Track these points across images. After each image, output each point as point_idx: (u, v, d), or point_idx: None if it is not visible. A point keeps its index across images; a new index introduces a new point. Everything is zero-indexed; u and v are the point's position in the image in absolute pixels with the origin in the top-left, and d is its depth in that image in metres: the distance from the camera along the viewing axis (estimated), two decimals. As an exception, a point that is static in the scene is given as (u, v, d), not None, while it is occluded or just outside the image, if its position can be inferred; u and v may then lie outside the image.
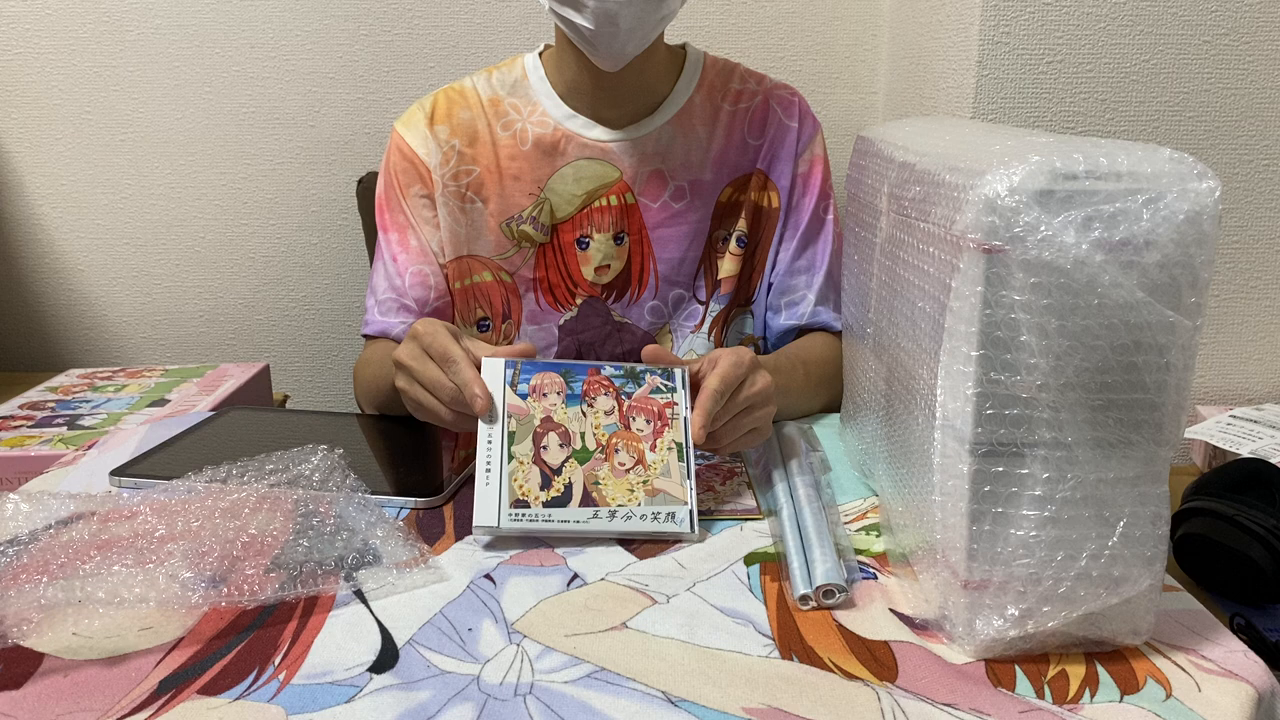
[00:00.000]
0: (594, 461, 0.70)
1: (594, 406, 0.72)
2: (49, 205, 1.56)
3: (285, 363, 1.64)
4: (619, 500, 0.69)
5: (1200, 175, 0.48)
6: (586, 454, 0.71)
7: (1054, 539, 0.51)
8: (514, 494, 0.68)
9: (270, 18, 1.49)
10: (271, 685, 0.52)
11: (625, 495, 0.69)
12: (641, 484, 0.70)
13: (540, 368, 0.73)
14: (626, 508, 0.69)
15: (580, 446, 0.71)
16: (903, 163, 0.65)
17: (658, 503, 0.69)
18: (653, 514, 0.69)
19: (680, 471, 0.71)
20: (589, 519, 0.68)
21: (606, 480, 0.70)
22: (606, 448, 0.71)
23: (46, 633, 0.56)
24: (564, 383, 0.72)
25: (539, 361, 0.73)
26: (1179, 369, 0.50)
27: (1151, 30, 1.12)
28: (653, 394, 0.73)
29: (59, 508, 0.68)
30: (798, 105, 1.06)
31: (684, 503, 0.70)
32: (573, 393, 0.72)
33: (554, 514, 0.68)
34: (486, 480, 0.68)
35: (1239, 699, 0.51)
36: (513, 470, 0.69)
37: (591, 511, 0.69)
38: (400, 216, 1.03)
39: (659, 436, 0.72)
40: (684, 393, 0.74)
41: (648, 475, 0.70)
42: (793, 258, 1.05)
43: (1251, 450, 1.04)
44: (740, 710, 0.50)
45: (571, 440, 0.71)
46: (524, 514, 0.68)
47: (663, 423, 0.72)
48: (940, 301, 0.54)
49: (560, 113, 1.02)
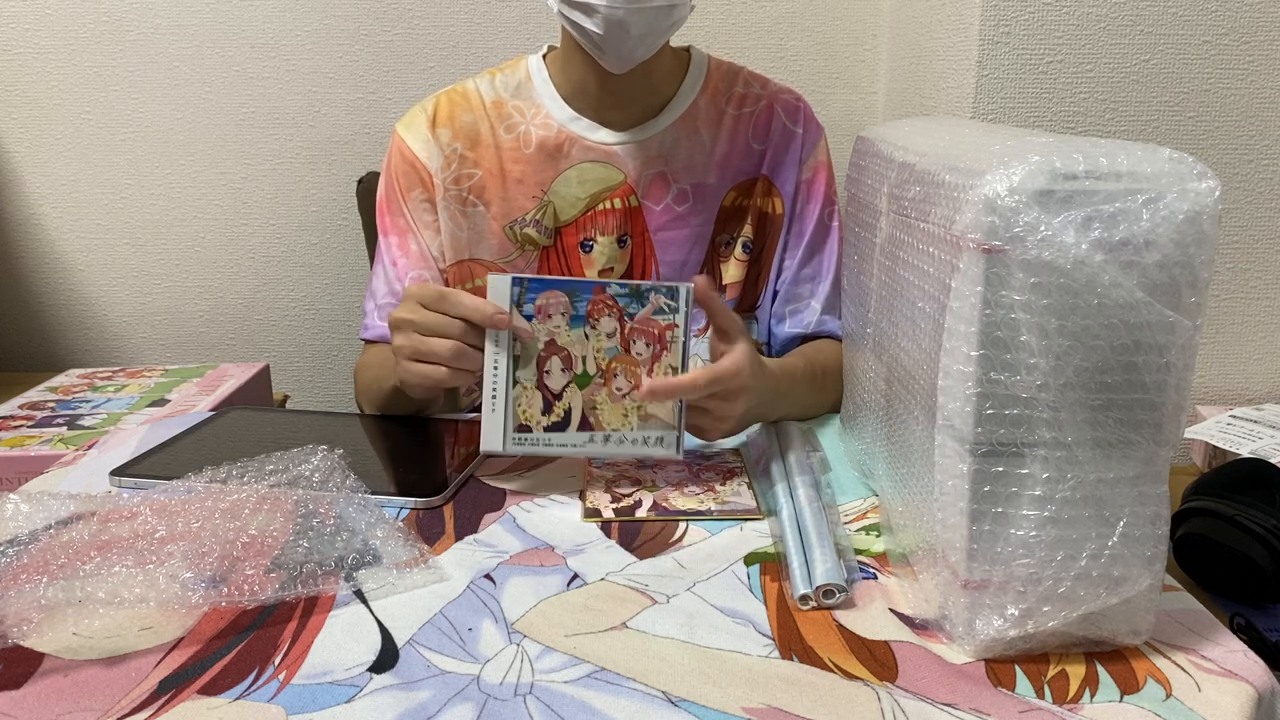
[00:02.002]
0: (593, 386, 0.74)
1: (596, 329, 0.74)
2: (49, 205, 1.56)
3: (285, 363, 1.64)
4: (613, 425, 0.75)
5: (1200, 175, 0.48)
6: (587, 379, 0.74)
7: (1054, 539, 0.51)
8: (517, 419, 0.74)
9: (270, 18, 1.49)
10: (271, 685, 0.52)
11: (620, 420, 0.75)
12: (635, 409, 0.75)
13: (546, 285, 0.73)
14: (620, 432, 0.75)
15: (581, 371, 0.74)
16: (903, 163, 0.65)
17: (649, 427, 0.75)
18: (643, 438, 0.75)
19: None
20: (585, 443, 0.75)
21: (603, 405, 0.75)
22: (606, 372, 0.74)
23: (46, 633, 0.56)
24: (569, 302, 0.74)
25: (545, 278, 0.74)
26: (1179, 369, 0.50)
27: (1151, 30, 1.12)
28: (656, 314, 0.74)
29: (59, 508, 0.68)
30: (802, 110, 1.06)
31: (673, 427, 0.74)
32: (577, 313, 0.74)
33: (554, 438, 0.75)
34: (493, 407, 0.74)
35: (1239, 699, 0.51)
36: (517, 395, 0.74)
37: (588, 436, 0.75)
38: (401, 220, 1.03)
39: (656, 361, 0.74)
40: (685, 312, 0.75)
41: (642, 401, 0.74)
42: (798, 265, 1.05)
43: (1251, 450, 1.04)
44: (740, 710, 0.50)
45: (573, 365, 0.74)
46: (526, 438, 0.74)
47: (661, 346, 0.74)
48: (940, 301, 0.54)
49: (564, 115, 1.01)
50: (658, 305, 0.74)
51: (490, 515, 0.73)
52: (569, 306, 0.73)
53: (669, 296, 0.74)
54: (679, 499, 0.74)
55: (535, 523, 0.71)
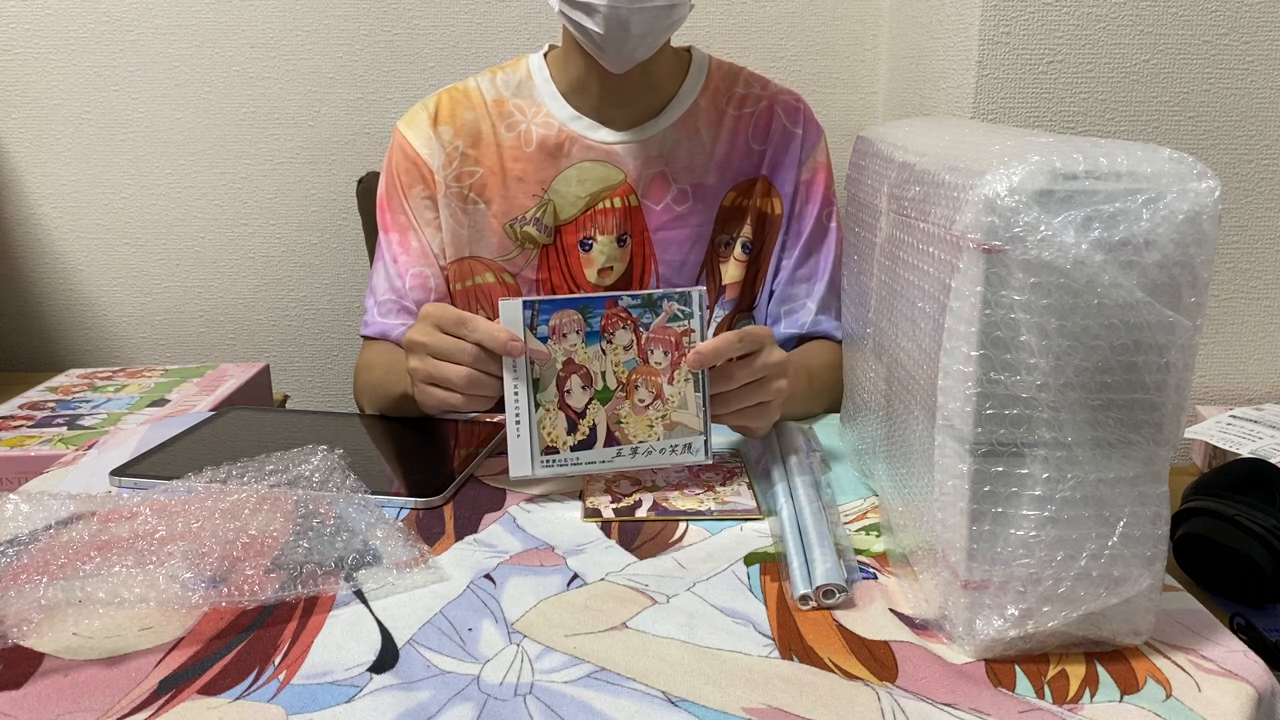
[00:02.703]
0: (615, 401, 0.74)
1: (613, 343, 0.74)
2: (49, 205, 1.56)
3: (285, 363, 1.64)
4: (640, 437, 0.74)
5: (1200, 175, 0.48)
6: (608, 394, 0.74)
7: (1054, 539, 0.51)
8: (543, 442, 0.73)
9: (270, 18, 1.49)
10: (271, 685, 0.52)
11: (645, 431, 0.74)
12: (660, 419, 0.74)
13: (558, 305, 0.73)
14: (647, 443, 0.74)
15: (602, 387, 0.74)
16: (902, 163, 0.65)
17: (675, 435, 0.74)
18: (670, 447, 0.74)
19: (696, 402, 0.73)
20: (613, 458, 0.74)
21: (628, 418, 0.74)
22: (626, 385, 0.74)
23: (46, 633, 0.56)
24: (582, 319, 0.73)
25: (556, 298, 0.74)
26: (1179, 369, 0.50)
27: (1151, 30, 1.12)
28: (670, 322, 0.74)
29: (59, 508, 0.68)
30: (802, 111, 1.06)
31: (700, 433, 0.74)
32: (591, 329, 0.73)
33: (581, 456, 0.74)
34: (518, 432, 0.73)
35: (1239, 699, 0.51)
36: (540, 418, 0.73)
37: (615, 450, 0.74)
38: (402, 217, 1.03)
39: (675, 368, 0.74)
40: (700, 317, 0.74)
41: (665, 409, 0.74)
42: (795, 266, 1.05)
43: (1251, 450, 1.04)
44: (740, 710, 0.50)
45: (593, 381, 0.73)
46: (554, 459, 0.74)
47: (679, 352, 0.73)
48: (940, 301, 0.54)
49: (565, 114, 1.01)
50: (671, 312, 0.74)
51: (490, 515, 0.73)
52: (582, 324, 0.73)
53: (682, 302, 0.74)
54: (679, 499, 0.74)
55: (535, 523, 0.71)
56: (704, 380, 0.74)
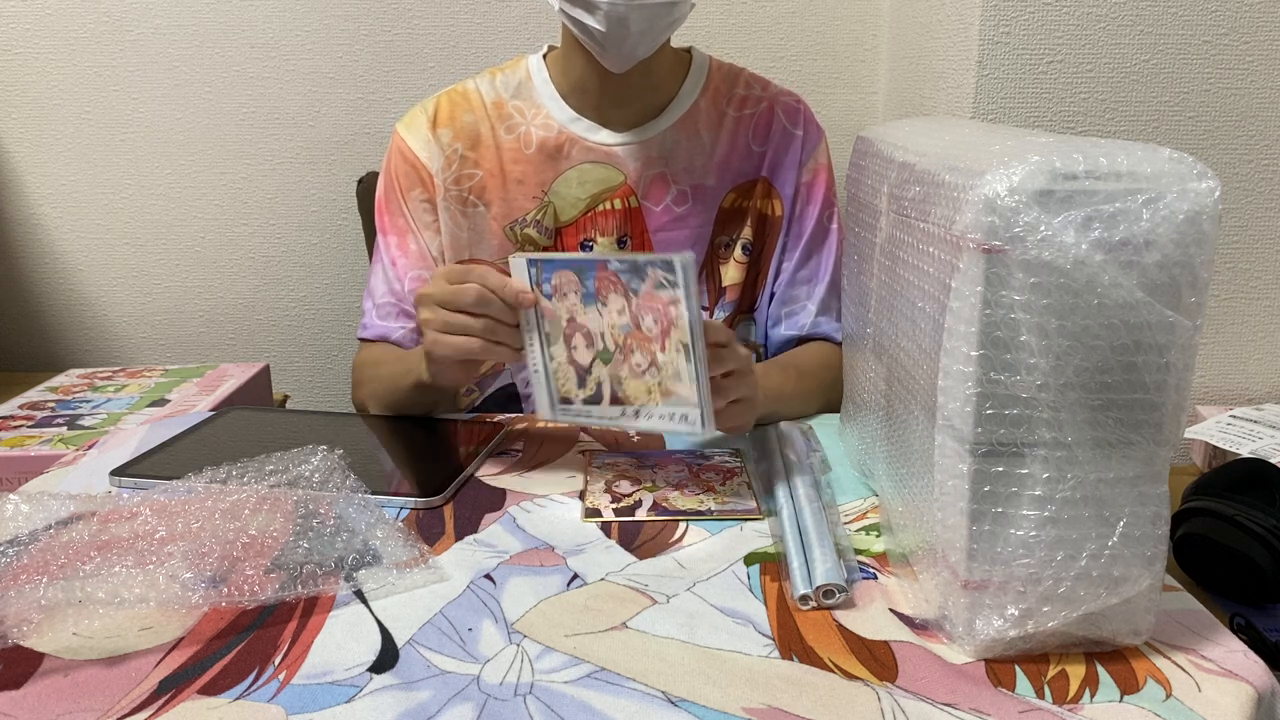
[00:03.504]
0: (615, 363, 0.75)
1: (607, 305, 0.74)
2: (49, 205, 1.56)
3: (285, 363, 1.64)
4: (640, 400, 0.75)
5: (1200, 175, 0.48)
6: (609, 355, 0.75)
7: (1054, 539, 0.51)
8: (560, 392, 0.77)
9: (270, 18, 1.49)
10: (271, 685, 0.52)
11: (644, 395, 0.75)
12: (657, 385, 0.75)
13: (558, 265, 0.75)
14: (646, 407, 0.75)
15: (602, 347, 0.75)
16: (902, 163, 0.65)
17: (672, 404, 0.74)
18: (669, 414, 0.75)
19: (689, 373, 0.73)
20: (618, 416, 0.76)
21: (627, 380, 0.76)
22: (623, 348, 0.75)
23: (46, 633, 0.56)
24: (579, 280, 0.74)
25: (556, 257, 0.75)
26: (1179, 369, 0.50)
27: (1151, 30, 1.12)
28: (657, 289, 0.73)
29: (59, 508, 0.68)
30: (802, 113, 1.06)
31: (695, 404, 0.73)
32: (587, 290, 0.74)
33: (592, 410, 0.77)
34: (537, 380, 0.78)
35: (1239, 699, 0.51)
36: (555, 369, 0.77)
37: (619, 410, 0.76)
38: (400, 220, 1.03)
39: (666, 337, 0.74)
40: (686, 286, 0.72)
41: (661, 377, 0.75)
42: (795, 267, 1.05)
43: (1251, 450, 1.04)
44: (740, 710, 0.50)
45: (594, 341, 0.75)
46: (569, 409, 0.78)
47: (668, 321, 0.73)
48: (940, 301, 0.54)
49: (564, 116, 1.01)
50: (657, 280, 0.73)
51: (490, 515, 0.73)
52: (579, 284, 0.74)
53: (665, 270, 0.72)
54: (679, 499, 0.74)
55: (535, 523, 0.71)
56: (695, 350, 0.72)
